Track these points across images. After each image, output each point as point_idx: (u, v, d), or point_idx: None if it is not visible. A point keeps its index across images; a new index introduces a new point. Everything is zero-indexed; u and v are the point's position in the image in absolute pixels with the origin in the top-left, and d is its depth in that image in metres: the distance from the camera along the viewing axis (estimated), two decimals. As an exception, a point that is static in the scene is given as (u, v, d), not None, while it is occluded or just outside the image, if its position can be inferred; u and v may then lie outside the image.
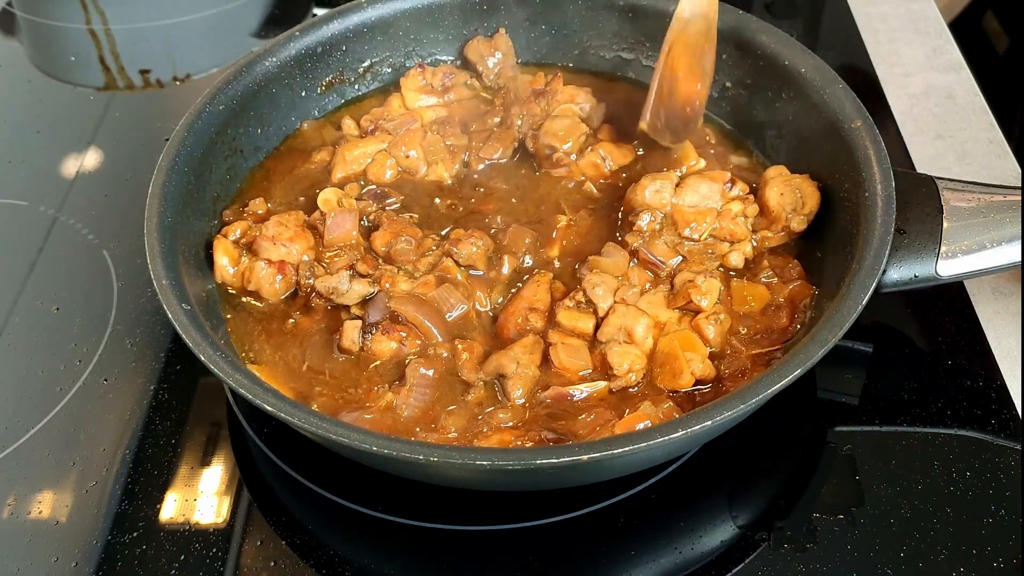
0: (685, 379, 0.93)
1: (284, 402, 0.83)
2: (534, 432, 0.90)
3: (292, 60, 1.21)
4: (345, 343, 0.98)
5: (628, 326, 0.97)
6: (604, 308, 0.99)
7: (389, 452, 0.78)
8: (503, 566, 0.92)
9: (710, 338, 0.97)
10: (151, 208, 0.98)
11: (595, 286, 1.00)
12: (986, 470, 0.96)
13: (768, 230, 1.07)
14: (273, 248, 1.04)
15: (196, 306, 0.93)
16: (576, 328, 0.99)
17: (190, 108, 1.10)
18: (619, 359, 0.94)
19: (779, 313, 1.00)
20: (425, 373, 0.95)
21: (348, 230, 1.06)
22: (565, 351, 0.96)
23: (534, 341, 0.97)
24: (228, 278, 1.04)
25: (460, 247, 1.05)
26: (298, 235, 1.05)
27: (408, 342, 0.98)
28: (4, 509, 0.97)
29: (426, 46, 1.32)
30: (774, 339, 0.98)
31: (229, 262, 1.04)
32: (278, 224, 1.05)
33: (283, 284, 1.03)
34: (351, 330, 0.98)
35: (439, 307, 1.00)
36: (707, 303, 0.98)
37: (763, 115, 1.20)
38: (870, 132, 1.02)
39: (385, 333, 0.98)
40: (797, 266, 1.04)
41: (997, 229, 0.96)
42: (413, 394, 0.94)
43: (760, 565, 0.90)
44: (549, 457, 0.77)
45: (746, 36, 1.18)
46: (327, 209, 1.08)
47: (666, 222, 1.07)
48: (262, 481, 0.99)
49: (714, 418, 0.79)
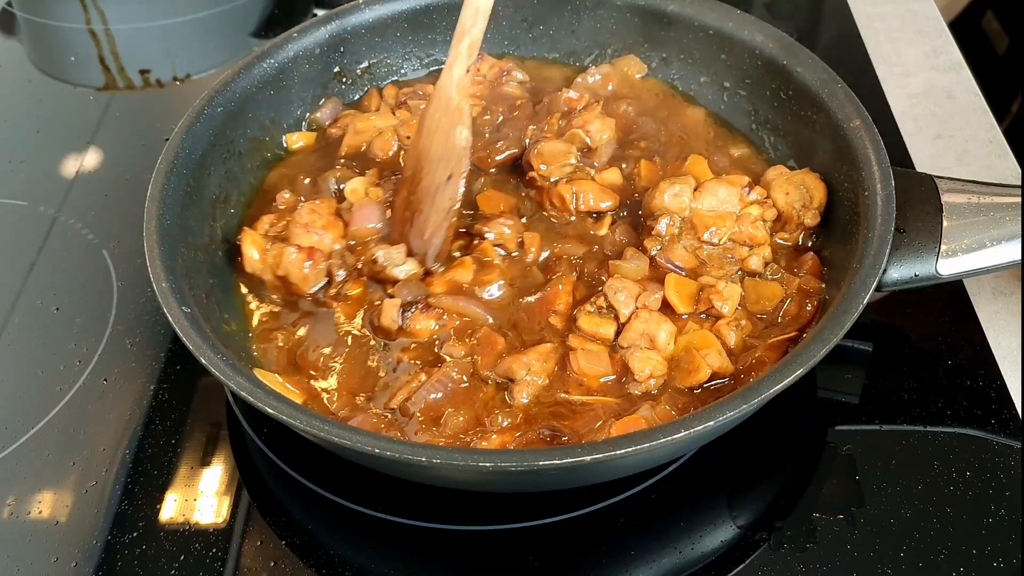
0: (702, 373, 0.93)
1: (285, 404, 0.83)
2: (532, 431, 0.90)
3: (290, 62, 1.21)
4: (385, 321, 0.98)
5: (651, 332, 0.96)
6: (626, 314, 0.98)
7: (392, 454, 0.78)
8: (503, 566, 0.92)
9: (731, 345, 0.97)
10: (150, 211, 0.98)
11: (617, 291, 0.99)
12: (986, 470, 0.96)
13: (784, 231, 1.07)
14: (306, 235, 1.04)
15: (196, 308, 0.92)
16: (597, 333, 0.98)
17: (188, 111, 1.09)
18: (641, 365, 0.94)
19: (791, 303, 1.00)
20: (451, 374, 0.95)
21: (374, 221, 1.07)
22: (585, 357, 0.96)
23: (551, 349, 0.97)
24: (257, 268, 1.04)
25: (491, 226, 1.05)
26: (331, 223, 1.06)
27: (447, 321, 0.99)
28: (4, 509, 0.97)
29: (424, 47, 1.32)
30: (787, 327, 0.98)
31: (258, 252, 1.04)
32: (312, 211, 1.06)
33: (313, 271, 1.03)
34: (390, 308, 0.99)
35: (478, 293, 1.02)
36: (728, 309, 0.98)
37: (762, 115, 1.20)
38: (869, 131, 1.02)
39: (424, 311, 0.98)
40: (812, 259, 1.04)
41: (997, 227, 0.96)
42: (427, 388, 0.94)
43: (760, 565, 0.90)
44: (552, 458, 0.77)
45: (743, 37, 1.18)
46: (354, 199, 1.08)
47: (685, 226, 1.06)
48: (262, 481, 0.99)
49: (716, 418, 0.79)
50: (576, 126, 1.16)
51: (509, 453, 0.83)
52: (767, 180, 1.09)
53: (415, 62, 1.33)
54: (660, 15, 1.25)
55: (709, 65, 1.25)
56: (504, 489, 0.95)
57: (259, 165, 1.20)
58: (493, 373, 0.96)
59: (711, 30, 1.22)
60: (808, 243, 1.07)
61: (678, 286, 0.99)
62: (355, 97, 1.31)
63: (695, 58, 1.26)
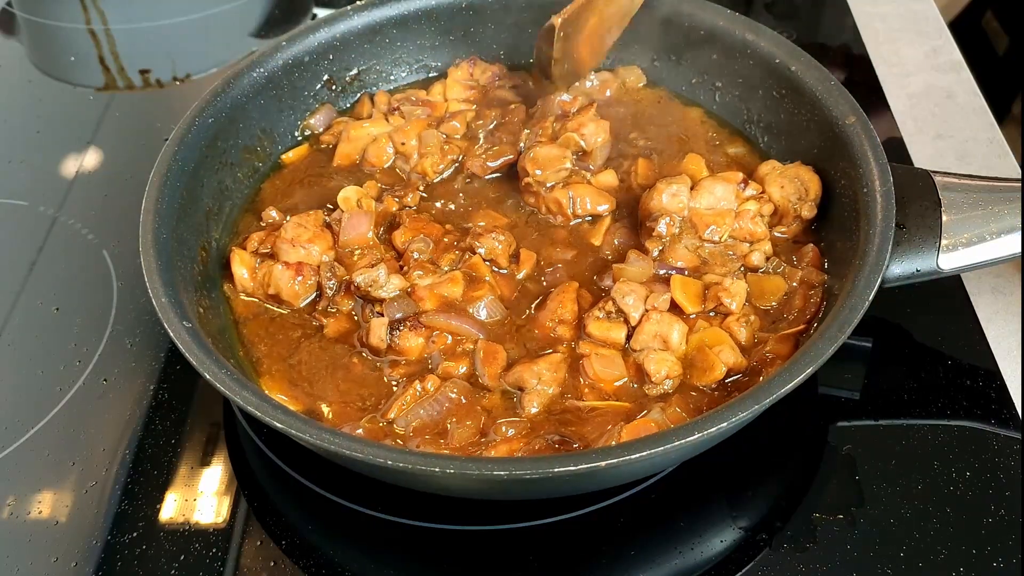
0: (718, 371, 0.93)
1: (293, 418, 0.82)
2: (540, 438, 0.90)
3: (280, 70, 1.20)
4: (373, 340, 0.98)
5: (664, 333, 0.96)
6: (636, 317, 0.98)
7: (404, 466, 0.78)
8: (503, 566, 0.92)
9: (742, 340, 0.97)
10: (145, 224, 0.97)
11: (625, 295, 0.99)
12: (986, 470, 0.96)
13: (781, 224, 1.07)
14: (292, 250, 1.03)
15: (196, 321, 0.92)
16: (608, 338, 0.98)
17: (179, 122, 1.09)
18: (656, 366, 0.94)
19: (796, 296, 1.00)
20: (449, 395, 0.94)
21: (363, 232, 1.06)
22: (599, 362, 0.96)
23: (561, 359, 0.97)
24: (248, 287, 1.04)
25: (482, 241, 1.05)
26: (318, 235, 1.05)
27: (437, 339, 0.98)
28: (4, 509, 0.97)
29: (413, 52, 1.32)
30: (795, 320, 0.98)
31: (248, 272, 1.04)
32: (297, 226, 1.05)
33: (303, 286, 1.03)
34: (379, 327, 0.98)
35: (469, 308, 1.01)
36: (736, 305, 0.98)
37: (757, 114, 1.20)
38: (865, 128, 1.03)
39: (412, 330, 0.98)
40: (812, 251, 1.04)
41: (996, 221, 0.96)
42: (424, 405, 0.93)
43: (760, 565, 0.90)
44: (567, 465, 0.77)
45: (736, 36, 1.19)
46: (346, 208, 1.08)
47: (685, 226, 1.06)
48: (261, 481, 0.99)
49: (730, 419, 0.79)
50: (570, 130, 1.15)
51: (523, 461, 0.82)
52: (761, 175, 1.09)
53: (405, 68, 1.33)
54: (651, 16, 1.24)
55: (701, 65, 1.25)
56: (516, 497, 0.95)
57: (252, 176, 1.19)
58: (503, 383, 0.95)
59: (703, 30, 1.22)
60: (807, 235, 1.08)
61: (684, 286, 0.99)
62: (347, 104, 1.30)
63: (688, 58, 1.26)
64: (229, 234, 1.12)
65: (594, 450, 0.81)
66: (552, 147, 1.14)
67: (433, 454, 0.88)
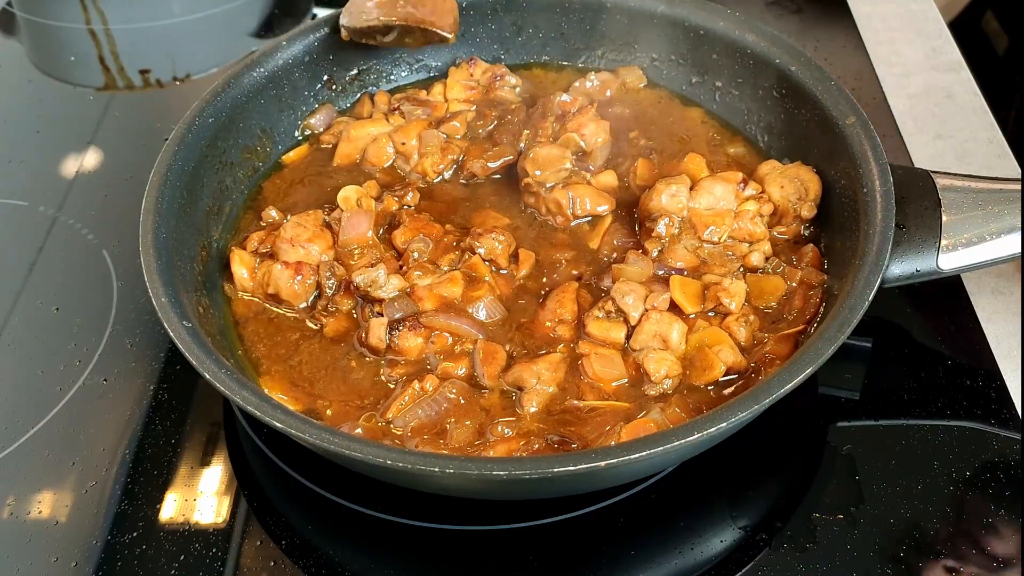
0: (717, 371, 0.94)
1: (293, 418, 0.82)
2: (539, 437, 0.90)
3: (280, 70, 1.20)
4: (372, 340, 0.98)
5: (663, 332, 0.96)
6: (636, 316, 0.98)
7: (403, 465, 0.78)
8: (503, 566, 0.92)
9: (741, 340, 0.97)
10: (145, 224, 0.97)
11: (624, 295, 0.99)
12: (986, 470, 0.96)
13: (781, 224, 1.07)
14: (292, 250, 1.03)
15: (196, 321, 0.92)
16: (608, 338, 0.98)
17: (179, 122, 1.09)
18: (656, 366, 0.94)
19: (795, 296, 1.00)
20: (448, 395, 0.94)
21: (363, 232, 1.06)
22: (599, 361, 0.96)
23: (560, 359, 0.97)
24: (248, 287, 1.04)
25: (482, 241, 1.05)
26: (317, 235, 1.05)
27: (436, 339, 0.98)
28: (4, 509, 0.97)
29: (413, 52, 1.32)
30: (794, 320, 0.98)
31: (247, 271, 1.04)
32: (296, 225, 1.05)
33: (303, 286, 1.03)
34: (378, 327, 0.98)
35: (468, 309, 1.00)
36: (735, 305, 0.98)
37: (757, 114, 1.20)
38: (864, 128, 1.03)
39: (412, 330, 0.98)
40: (811, 251, 1.04)
41: (996, 221, 0.96)
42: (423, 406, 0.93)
43: (760, 565, 0.90)
44: (566, 465, 0.77)
45: (736, 36, 1.19)
46: (345, 207, 1.08)
47: (684, 226, 1.06)
48: (261, 481, 0.99)
49: (729, 419, 0.80)
50: (570, 130, 1.15)
51: (522, 461, 0.82)
52: (760, 175, 1.09)
53: (405, 68, 1.33)
54: (650, 16, 1.25)
55: (701, 65, 1.25)
56: (516, 497, 0.95)
57: (252, 175, 1.19)
58: (502, 382, 0.95)
59: (702, 30, 1.22)
60: (806, 235, 1.08)
61: (683, 286, 0.99)
62: (347, 104, 1.30)
63: (688, 58, 1.26)
64: (229, 234, 1.12)
65: (594, 450, 0.81)
66: (552, 147, 1.14)
67: (433, 454, 0.88)
